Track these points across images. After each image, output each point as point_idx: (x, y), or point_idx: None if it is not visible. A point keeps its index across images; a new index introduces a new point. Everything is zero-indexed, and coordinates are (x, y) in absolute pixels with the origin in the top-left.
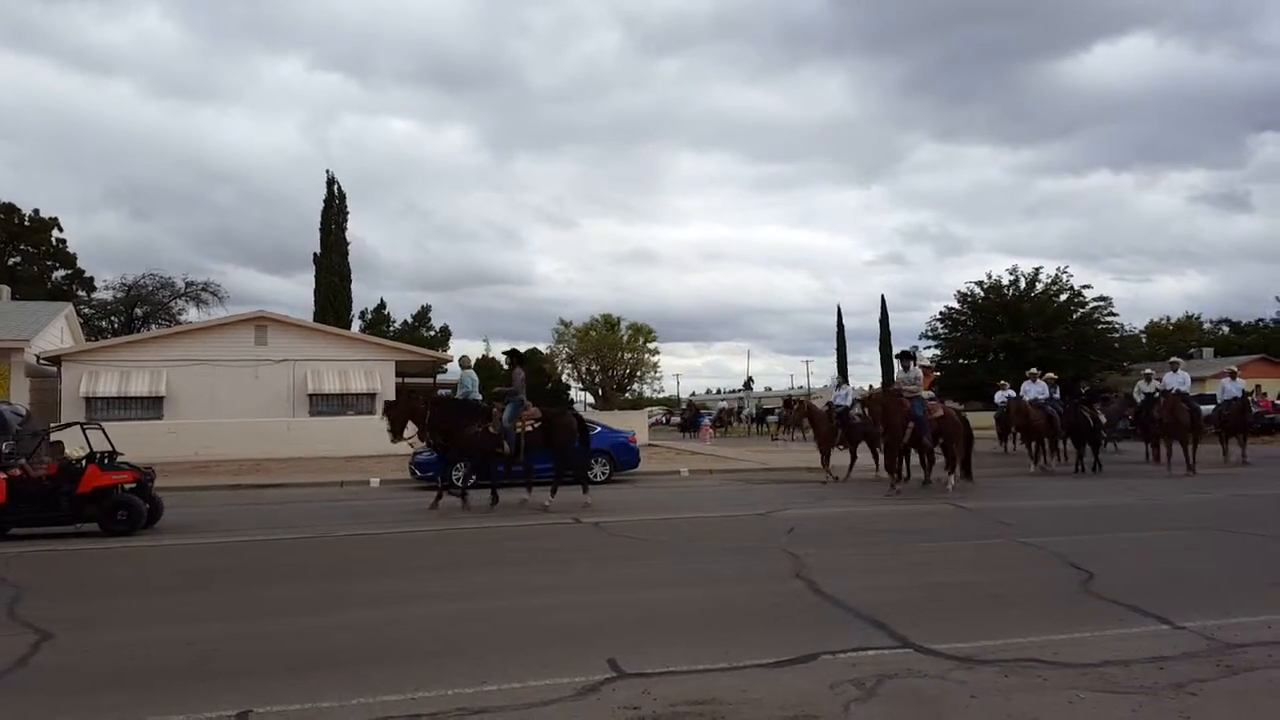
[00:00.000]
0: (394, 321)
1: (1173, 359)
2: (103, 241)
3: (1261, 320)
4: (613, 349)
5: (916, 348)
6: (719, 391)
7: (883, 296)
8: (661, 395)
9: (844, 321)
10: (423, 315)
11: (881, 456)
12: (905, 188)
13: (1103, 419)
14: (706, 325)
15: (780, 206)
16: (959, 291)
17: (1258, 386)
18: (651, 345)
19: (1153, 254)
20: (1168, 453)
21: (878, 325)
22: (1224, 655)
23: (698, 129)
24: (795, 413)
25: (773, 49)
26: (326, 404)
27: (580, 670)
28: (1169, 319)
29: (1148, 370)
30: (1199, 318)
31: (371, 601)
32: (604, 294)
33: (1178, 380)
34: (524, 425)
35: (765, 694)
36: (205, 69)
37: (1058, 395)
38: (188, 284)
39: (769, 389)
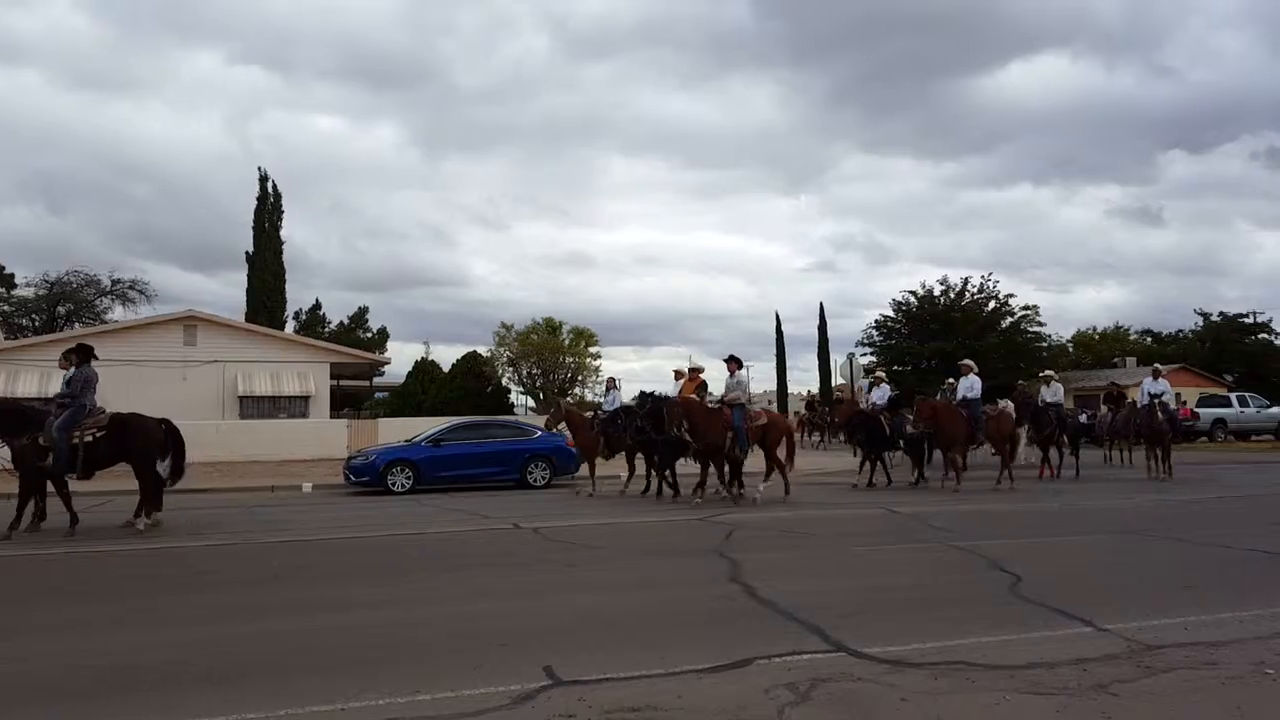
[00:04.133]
0: (330, 323)
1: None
2: (18, 236)
3: (1181, 331)
4: (554, 353)
5: (735, 356)
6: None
7: (821, 304)
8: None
9: (782, 328)
10: (360, 317)
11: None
12: (834, 198)
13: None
14: (645, 330)
15: (714, 213)
16: (894, 300)
17: (1178, 395)
18: (593, 349)
19: (1072, 265)
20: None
21: (815, 332)
22: (1143, 656)
23: (629, 134)
24: (554, 415)
25: (701, 57)
26: (258, 407)
27: (516, 678)
28: (1095, 329)
29: (1047, 372)
30: (1127, 329)
31: (299, 609)
32: (541, 297)
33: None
34: (82, 435)
35: (701, 699)
36: (120, 61)
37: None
38: (114, 281)
39: (711, 394)
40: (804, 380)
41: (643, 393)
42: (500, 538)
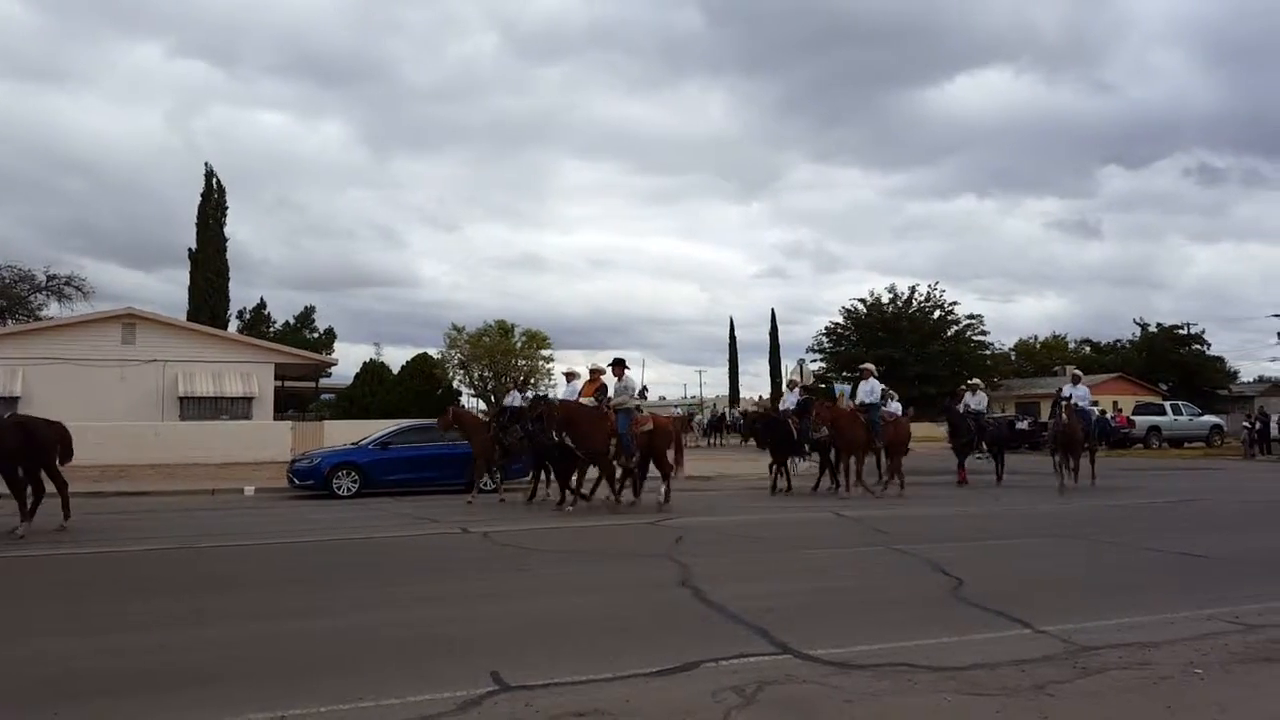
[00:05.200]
0: (275, 322)
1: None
2: None
3: (1119, 341)
4: (506, 355)
5: (622, 359)
6: None
7: (773, 310)
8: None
9: (735, 334)
10: (306, 316)
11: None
12: (784, 206)
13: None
14: (598, 333)
15: (667, 218)
16: (843, 307)
17: (1115, 403)
18: (545, 352)
19: (1014, 276)
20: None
21: (767, 338)
22: (1079, 657)
23: (582, 137)
24: (443, 420)
25: (653, 63)
26: (199, 408)
27: (461, 684)
28: (1036, 338)
29: (973, 381)
30: (1065, 337)
31: (239, 615)
32: (492, 299)
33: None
34: None
35: (648, 703)
36: (54, 51)
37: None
38: (49, 278)
39: (663, 398)
40: (756, 385)
41: (536, 395)
42: (448, 542)
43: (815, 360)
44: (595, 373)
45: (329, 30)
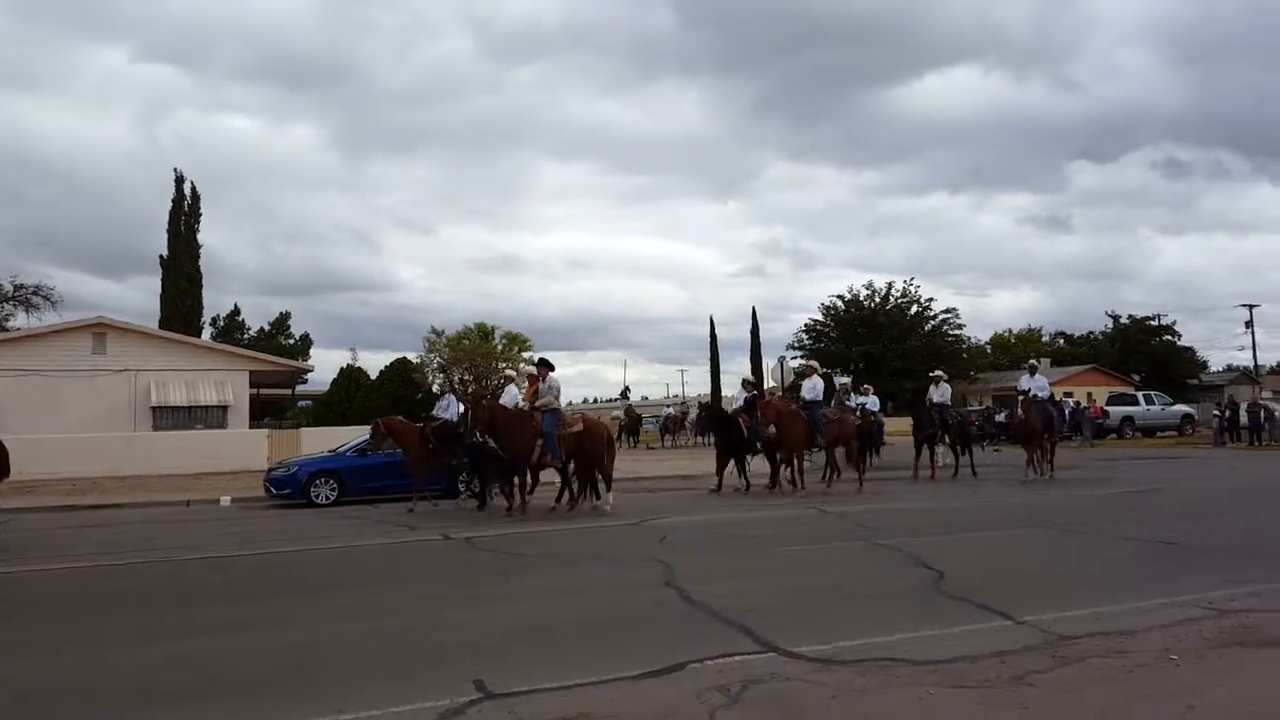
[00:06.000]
0: (249, 329)
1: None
2: None
3: (1092, 333)
4: (487, 358)
5: (547, 360)
6: (595, 400)
7: (753, 308)
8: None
9: (716, 332)
10: (281, 323)
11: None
12: (760, 204)
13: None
14: (579, 334)
15: (644, 218)
16: (822, 304)
17: (1089, 394)
18: (527, 354)
19: (988, 271)
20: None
21: (748, 336)
22: (1058, 647)
23: (557, 138)
24: (375, 434)
25: (627, 63)
26: (172, 417)
27: (444, 693)
28: (1011, 331)
29: (936, 373)
30: (1039, 330)
31: (215, 629)
32: (470, 302)
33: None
34: None
35: (633, 706)
36: (16, 55)
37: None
38: (16, 287)
39: (645, 398)
40: (738, 384)
41: (479, 399)
42: (430, 549)
43: (796, 357)
44: (533, 378)
45: (299, 33)
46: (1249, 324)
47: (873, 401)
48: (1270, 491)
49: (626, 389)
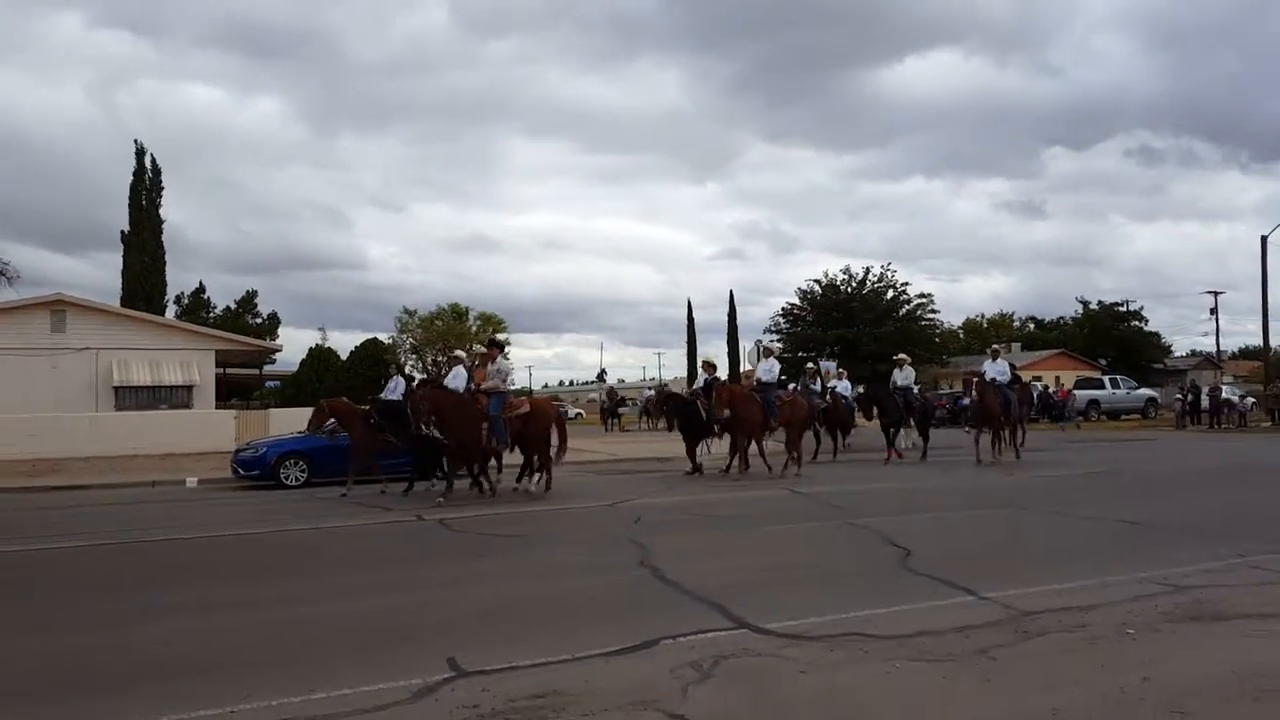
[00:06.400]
0: (215, 307)
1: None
2: None
3: (1062, 318)
4: (460, 339)
5: (497, 340)
6: (572, 383)
7: (731, 292)
8: (514, 388)
9: (694, 315)
10: (248, 301)
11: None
12: (739, 186)
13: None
14: (554, 316)
15: (621, 199)
16: (799, 289)
17: (1057, 378)
18: (501, 335)
19: (963, 256)
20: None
21: (725, 319)
22: (1020, 622)
23: (533, 115)
24: (316, 415)
25: (605, 39)
26: (136, 397)
27: (418, 671)
28: (983, 316)
29: (899, 356)
30: (1011, 315)
31: (185, 610)
32: (443, 281)
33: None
34: None
35: (606, 683)
36: None
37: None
38: None
39: (622, 380)
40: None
41: (424, 379)
42: (403, 530)
43: (773, 341)
44: (491, 348)
45: (266, 1)
46: (1214, 310)
47: (844, 386)
48: (1226, 473)
49: (603, 371)
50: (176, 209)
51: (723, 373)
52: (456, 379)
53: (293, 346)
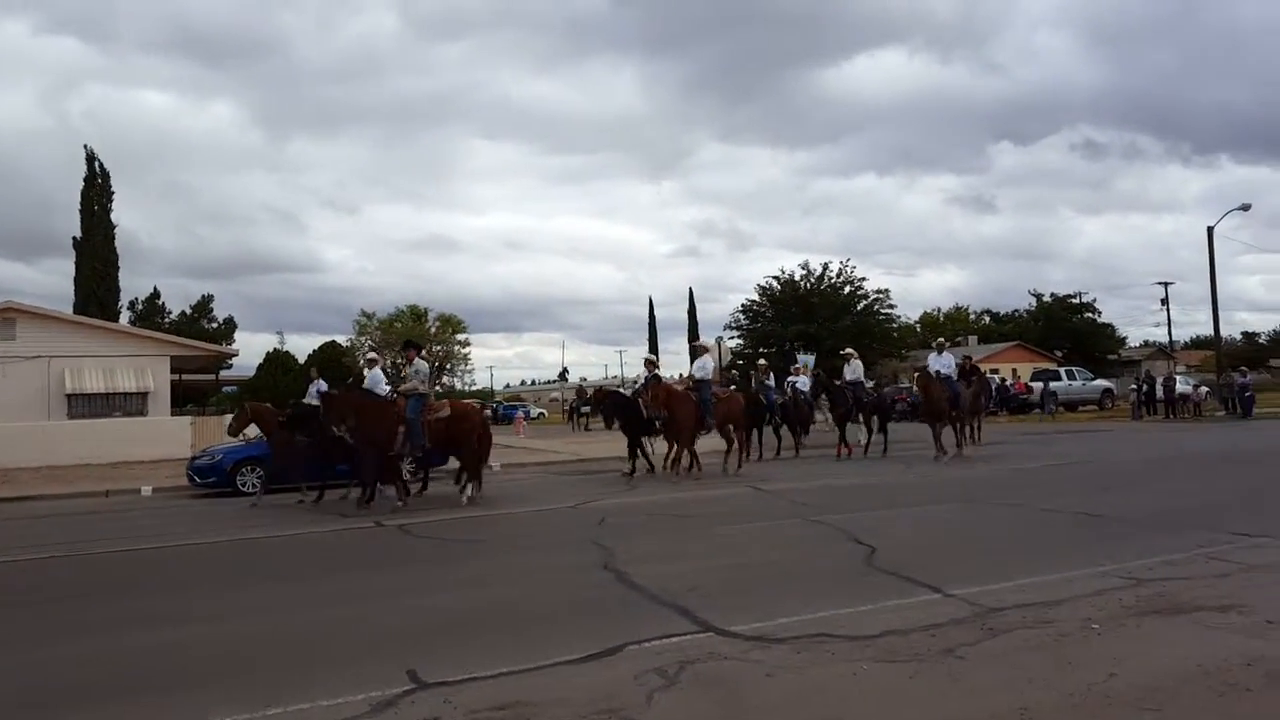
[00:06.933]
0: (170, 313)
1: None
2: None
3: (1017, 310)
4: (420, 341)
5: (413, 342)
6: (534, 382)
7: (690, 289)
8: (474, 388)
9: (654, 313)
10: (203, 306)
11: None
12: (694, 184)
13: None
14: (515, 315)
15: (580, 199)
16: (758, 285)
17: (1014, 370)
18: (461, 336)
19: (916, 250)
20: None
21: (685, 316)
22: (986, 619)
23: (488, 117)
24: (237, 418)
25: (558, 40)
26: (89, 405)
27: (377, 684)
28: (940, 310)
29: (846, 350)
30: (967, 309)
31: (139, 622)
32: (401, 283)
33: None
34: None
35: (571, 691)
36: None
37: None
38: None
39: (584, 379)
40: (677, 364)
41: (350, 381)
42: (362, 538)
43: (733, 337)
44: (410, 348)
45: (213, 6)
46: (1164, 301)
47: (803, 381)
48: (1184, 463)
49: (565, 370)
50: (129, 215)
51: (679, 369)
52: (374, 381)
53: (249, 351)
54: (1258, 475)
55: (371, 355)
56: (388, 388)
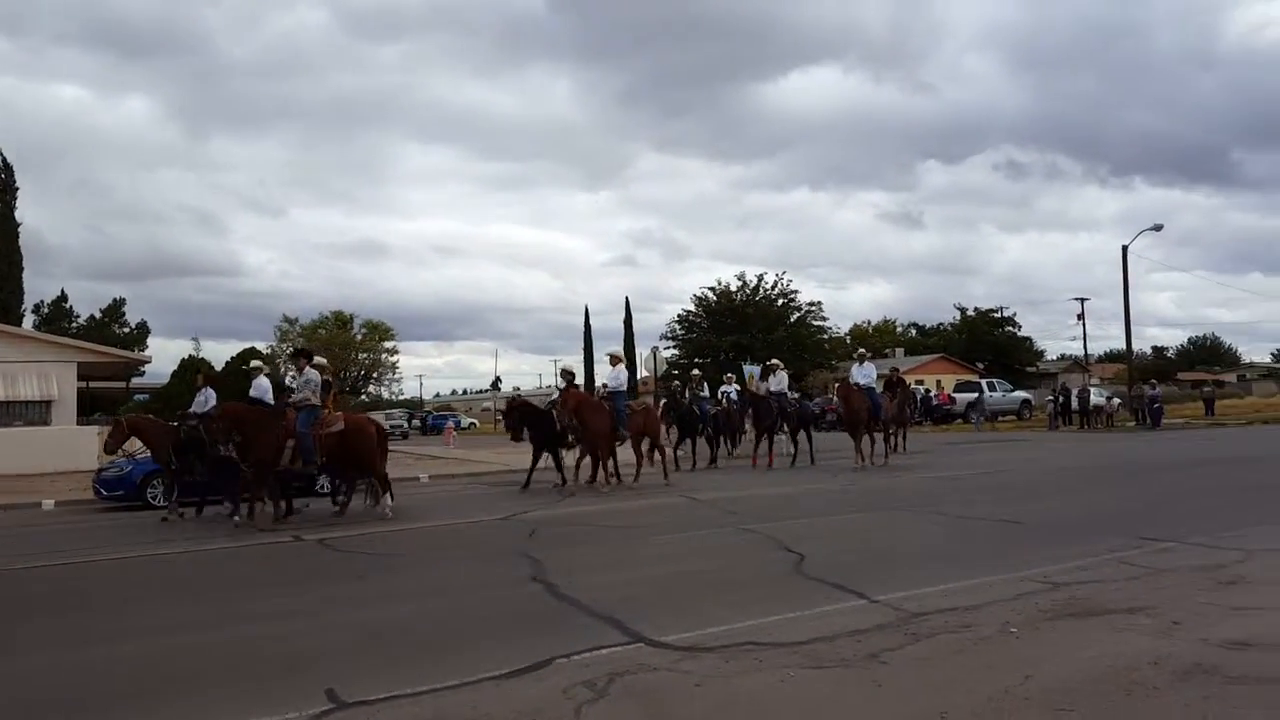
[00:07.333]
0: (78, 317)
1: (859, 351)
2: None
3: (942, 324)
4: (345, 348)
5: (305, 350)
6: (465, 392)
7: (627, 299)
8: (402, 397)
9: (590, 322)
10: (114, 310)
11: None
12: (631, 195)
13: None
14: (446, 324)
15: (515, 205)
16: (694, 295)
17: (939, 382)
18: (389, 344)
19: (847, 264)
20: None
21: (622, 325)
22: (909, 624)
23: (422, 120)
24: (115, 432)
25: (494, 46)
26: None
27: (294, 705)
28: (869, 322)
29: (772, 361)
30: (895, 322)
31: (43, 645)
32: (326, 288)
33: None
34: None
35: (496, 707)
36: None
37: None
38: None
39: (518, 389)
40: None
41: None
42: (279, 552)
43: (669, 347)
44: (301, 356)
45: None
46: (1081, 316)
47: (735, 391)
48: (1097, 471)
49: (498, 379)
50: (34, 212)
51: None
52: (261, 391)
53: (164, 358)
54: (1165, 482)
55: (256, 363)
56: (297, 397)
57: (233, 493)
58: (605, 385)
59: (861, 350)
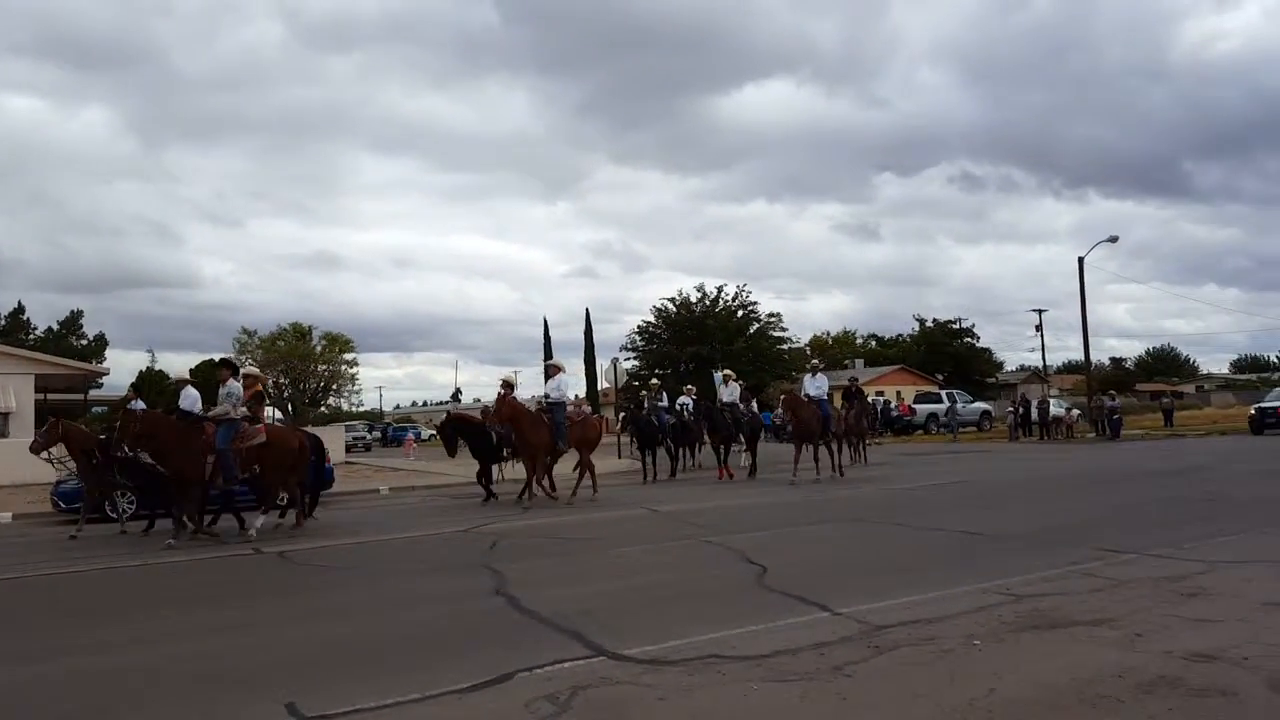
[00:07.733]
0: (35, 329)
1: (812, 362)
2: None
3: (901, 335)
4: (305, 360)
5: (229, 360)
6: (425, 404)
7: (587, 310)
8: (362, 409)
9: (550, 333)
10: (72, 322)
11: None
12: (589, 206)
13: None
14: (405, 335)
15: (473, 217)
16: (654, 306)
17: (899, 393)
18: (348, 356)
19: (805, 276)
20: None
21: (582, 337)
22: (873, 636)
23: (378, 131)
24: (47, 434)
25: (451, 58)
26: None
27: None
28: (829, 334)
29: (725, 372)
30: (854, 333)
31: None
32: (285, 300)
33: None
34: None
35: None
36: None
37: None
38: None
39: (478, 400)
40: (572, 385)
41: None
42: (239, 565)
43: (629, 358)
44: (250, 380)
45: (86, 9)
46: (1039, 327)
47: (691, 402)
48: (1058, 482)
49: (458, 391)
50: None
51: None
52: (190, 403)
53: (121, 370)
54: (1125, 493)
55: (183, 375)
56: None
57: (167, 509)
58: (547, 396)
59: (815, 361)
